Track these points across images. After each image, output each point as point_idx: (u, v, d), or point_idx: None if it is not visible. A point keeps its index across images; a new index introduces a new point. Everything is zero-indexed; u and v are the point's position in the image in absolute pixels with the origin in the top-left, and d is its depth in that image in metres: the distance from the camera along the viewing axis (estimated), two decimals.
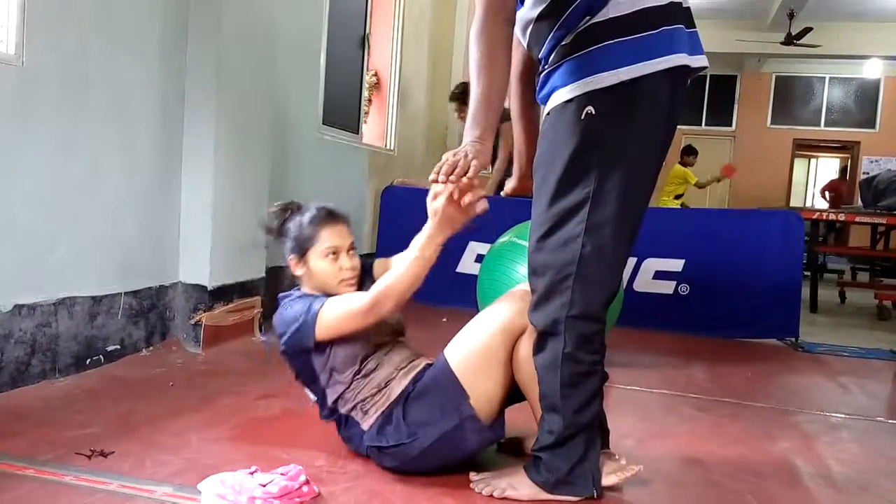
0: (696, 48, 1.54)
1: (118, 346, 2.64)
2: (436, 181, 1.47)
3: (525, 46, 1.69)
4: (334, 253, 1.81)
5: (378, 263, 1.99)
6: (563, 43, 1.52)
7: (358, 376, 1.76)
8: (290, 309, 1.78)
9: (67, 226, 2.38)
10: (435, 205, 1.56)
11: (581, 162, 1.50)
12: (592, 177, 1.50)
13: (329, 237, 1.81)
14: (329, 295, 1.79)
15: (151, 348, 2.81)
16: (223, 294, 3.01)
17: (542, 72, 1.60)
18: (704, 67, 1.55)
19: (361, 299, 1.69)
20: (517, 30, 1.64)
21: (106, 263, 2.56)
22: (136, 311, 2.72)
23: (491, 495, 1.63)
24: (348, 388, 1.76)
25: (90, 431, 1.90)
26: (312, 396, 1.83)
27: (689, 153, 8.71)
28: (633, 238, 1.58)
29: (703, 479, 1.86)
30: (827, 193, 11.89)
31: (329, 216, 1.85)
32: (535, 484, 1.61)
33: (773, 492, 1.81)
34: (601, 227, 1.51)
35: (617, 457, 1.72)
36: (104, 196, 2.53)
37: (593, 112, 1.47)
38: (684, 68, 1.51)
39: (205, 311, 2.91)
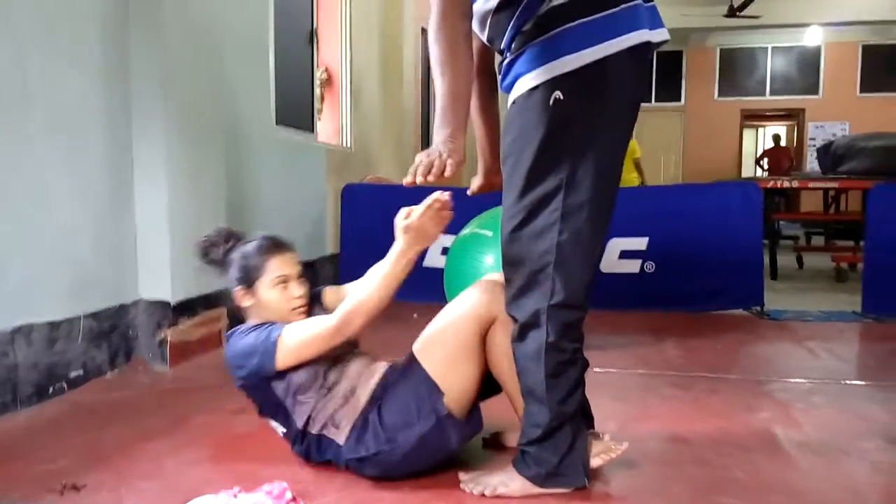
0: (655, 22, 1.53)
1: (81, 372, 2.53)
2: (412, 183, 1.42)
3: (484, 40, 1.66)
4: (284, 282, 1.78)
5: (329, 292, 1.98)
6: (525, 29, 1.49)
7: (322, 391, 1.72)
8: (243, 341, 1.72)
9: (17, 249, 2.27)
10: (408, 221, 1.55)
11: (552, 149, 1.47)
12: (564, 163, 1.48)
13: (278, 266, 1.78)
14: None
15: (116, 370, 2.71)
16: (187, 308, 2.92)
17: (504, 60, 1.56)
18: (666, 41, 1.54)
19: (327, 321, 1.66)
20: (475, 25, 1.61)
21: (61, 286, 2.45)
22: (97, 334, 2.62)
23: (482, 494, 1.60)
24: (314, 407, 1.71)
25: (59, 465, 1.81)
26: (280, 429, 1.78)
27: None
28: (608, 220, 1.56)
29: (690, 457, 1.87)
30: (765, 161, 12.16)
31: (276, 246, 1.82)
32: (525, 479, 1.59)
33: (758, 464, 1.82)
34: (577, 214, 1.49)
35: (602, 435, 1.71)
36: (54, 215, 2.42)
37: (561, 97, 1.45)
38: (646, 44, 1.49)
39: (169, 328, 2.82)
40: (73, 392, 2.47)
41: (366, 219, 4.51)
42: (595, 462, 1.62)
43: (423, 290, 4.02)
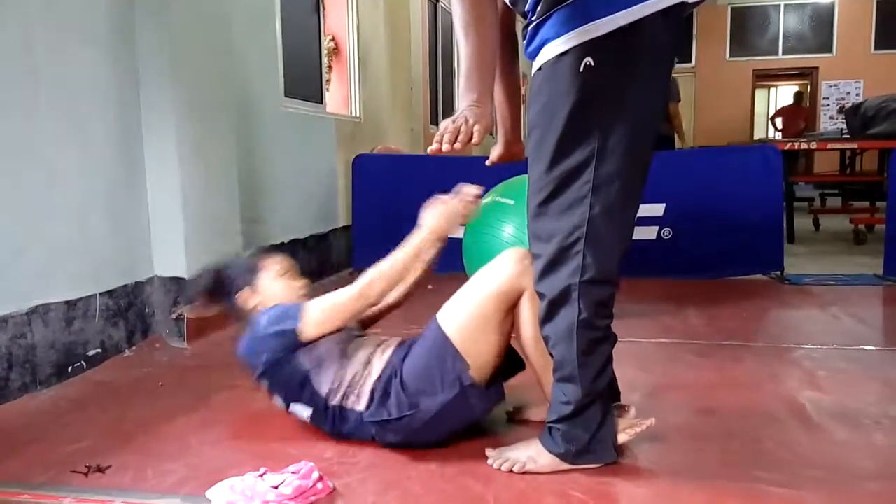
0: None
1: (99, 350, 2.52)
2: (438, 151, 1.36)
3: (507, 2, 1.58)
4: (287, 272, 1.88)
5: None
6: None
7: (343, 360, 1.73)
8: (263, 319, 1.75)
9: (31, 230, 2.24)
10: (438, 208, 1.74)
11: (582, 118, 1.41)
12: (595, 133, 1.41)
13: (277, 261, 1.91)
14: None
15: (134, 348, 2.70)
16: None
17: (528, 24, 1.49)
18: (701, 1, 1.46)
19: (349, 288, 1.72)
20: None
21: (76, 265, 2.43)
22: (114, 312, 2.60)
23: (511, 470, 1.58)
24: (336, 375, 1.71)
25: (83, 445, 1.80)
26: (306, 411, 1.76)
27: None
28: (641, 191, 1.51)
29: (721, 430, 1.83)
30: (778, 121, 11.93)
31: (268, 251, 1.96)
32: (554, 455, 1.56)
33: (790, 436, 1.79)
34: (609, 186, 1.43)
35: (627, 407, 1.69)
36: (66, 194, 2.38)
37: (592, 63, 1.37)
38: (681, 5, 1.41)
39: (186, 304, 2.80)
40: (92, 371, 2.46)
41: (377, 189, 4.45)
42: (621, 438, 1.59)
43: (439, 260, 4.00)
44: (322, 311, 1.70)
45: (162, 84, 2.72)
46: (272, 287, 1.85)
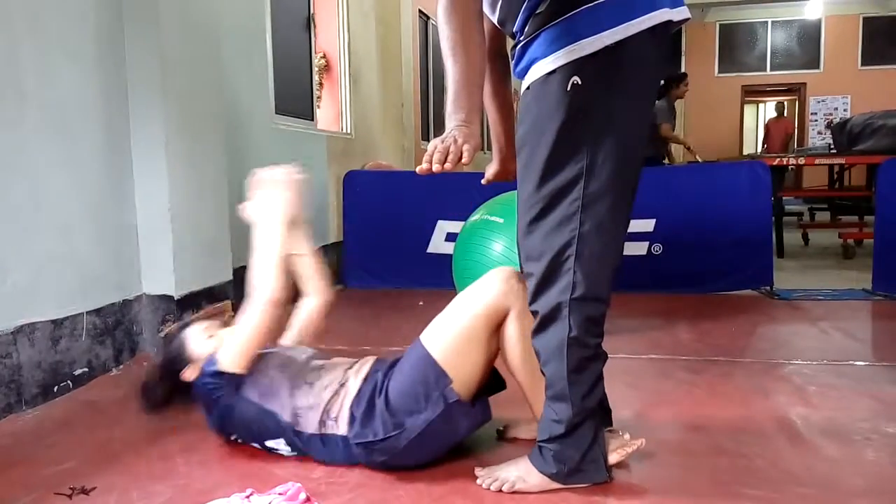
0: (676, 0, 1.47)
1: (86, 369, 2.50)
2: (428, 171, 1.36)
3: (495, 22, 1.59)
4: (210, 335, 1.88)
5: None
6: (539, 11, 1.43)
7: (297, 387, 1.73)
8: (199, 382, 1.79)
9: (17, 248, 2.22)
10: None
11: (571, 136, 1.41)
12: (584, 151, 1.42)
13: (199, 332, 1.89)
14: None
15: (121, 367, 2.67)
16: (191, 302, 2.88)
17: (517, 44, 1.50)
18: (687, 19, 1.47)
19: (246, 314, 1.73)
20: (485, 6, 1.55)
21: (63, 283, 2.41)
22: (101, 330, 2.58)
23: (500, 490, 1.57)
24: (297, 404, 1.71)
25: (68, 466, 1.78)
26: (284, 448, 1.76)
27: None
28: (630, 207, 1.51)
29: (710, 447, 1.83)
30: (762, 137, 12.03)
31: (184, 325, 1.96)
32: (544, 475, 1.55)
33: (779, 452, 1.79)
34: (598, 203, 1.43)
35: (620, 433, 1.69)
36: (53, 212, 2.37)
37: (579, 82, 1.38)
38: (667, 24, 1.43)
39: (174, 322, 2.78)
40: (78, 390, 2.43)
41: (368, 206, 4.46)
42: (612, 458, 1.59)
43: (430, 276, 4.01)
44: (236, 342, 1.73)
45: (151, 100, 2.72)
46: (197, 349, 1.85)
